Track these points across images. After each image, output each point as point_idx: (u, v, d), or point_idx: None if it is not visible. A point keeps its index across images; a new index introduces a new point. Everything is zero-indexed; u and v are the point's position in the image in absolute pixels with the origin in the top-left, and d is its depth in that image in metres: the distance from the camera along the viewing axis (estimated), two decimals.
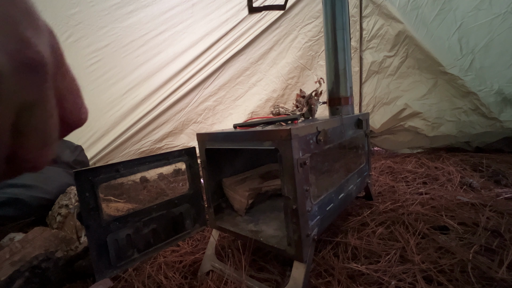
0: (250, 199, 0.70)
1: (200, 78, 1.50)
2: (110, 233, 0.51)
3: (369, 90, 1.65)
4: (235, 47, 1.54)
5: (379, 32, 1.52)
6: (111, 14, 1.24)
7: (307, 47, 1.68)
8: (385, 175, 1.23)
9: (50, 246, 0.66)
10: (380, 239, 0.70)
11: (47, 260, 0.63)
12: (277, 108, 0.81)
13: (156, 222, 0.60)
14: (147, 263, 0.71)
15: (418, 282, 0.53)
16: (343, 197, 0.69)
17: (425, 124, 1.48)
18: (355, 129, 0.78)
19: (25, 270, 0.60)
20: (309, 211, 0.51)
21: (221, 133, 0.61)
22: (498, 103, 1.26)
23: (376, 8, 1.49)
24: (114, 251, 0.52)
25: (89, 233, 0.48)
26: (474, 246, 0.61)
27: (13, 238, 0.81)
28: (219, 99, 1.61)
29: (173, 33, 1.40)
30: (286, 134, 0.45)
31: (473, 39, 1.29)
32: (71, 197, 1.01)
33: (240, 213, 0.71)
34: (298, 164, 0.47)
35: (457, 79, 1.30)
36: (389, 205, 0.87)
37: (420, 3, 1.36)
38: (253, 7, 1.51)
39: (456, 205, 0.83)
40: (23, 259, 0.61)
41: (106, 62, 1.27)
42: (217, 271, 0.63)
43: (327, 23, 0.83)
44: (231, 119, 1.64)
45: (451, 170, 1.15)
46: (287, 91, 1.72)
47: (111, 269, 0.51)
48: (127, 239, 0.54)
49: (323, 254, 0.66)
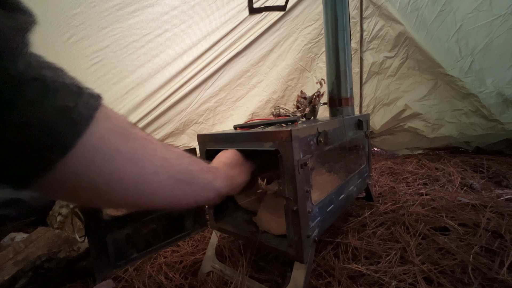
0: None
1: (201, 78, 1.50)
2: (110, 232, 0.51)
3: (369, 91, 1.65)
4: (236, 48, 1.55)
5: (380, 33, 1.53)
6: (112, 15, 1.24)
7: (306, 49, 1.69)
8: (386, 176, 1.23)
9: (53, 246, 0.66)
10: (381, 240, 0.70)
11: (50, 260, 0.64)
12: (278, 109, 0.81)
13: (156, 222, 0.60)
14: (147, 263, 0.71)
15: (419, 283, 0.53)
16: (344, 198, 0.69)
17: (425, 125, 1.48)
18: (356, 130, 0.78)
19: (28, 270, 0.60)
20: (309, 212, 0.51)
21: (222, 134, 0.61)
22: (499, 105, 1.26)
23: (376, 9, 1.50)
24: (114, 250, 0.52)
25: (89, 232, 0.48)
26: (475, 247, 0.61)
27: (14, 238, 0.81)
28: (220, 100, 1.62)
29: (174, 33, 1.40)
30: (286, 135, 0.46)
31: (473, 40, 1.29)
32: None
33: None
34: (299, 165, 0.47)
35: (457, 80, 1.30)
36: (389, 206, 0.87)
37: (420, 4, 1.37)
38: (254, 8, 1.52)
39: (456, 206, 0.83)
40: (26, 259, 0.61)
41: (107, 62, 1.27)
42: (217, 272, 0.63)
43: (328, 25, 0.83)
44: (231, 120, 1.64)
45: (452, 171, 1.15)
46: (287, 92, 1.73)
47: (110, 268, 0.51)
48: (127, 239, 0.54)
49: (323, 255, 0.66)
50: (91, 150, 0.24)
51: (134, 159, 0.28)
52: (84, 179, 0.24)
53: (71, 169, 0.23)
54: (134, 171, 0.28)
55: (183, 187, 0.35)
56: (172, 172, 0.33)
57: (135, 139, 0.29)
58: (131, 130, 0.29)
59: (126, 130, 0.28)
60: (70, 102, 0.22)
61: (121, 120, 0.28)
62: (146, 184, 0.29)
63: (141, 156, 0.29)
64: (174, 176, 0.33)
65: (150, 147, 0.31)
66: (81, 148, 0.23)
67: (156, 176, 0.30)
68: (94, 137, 0.24)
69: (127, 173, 0.27)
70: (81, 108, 0.23)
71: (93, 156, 0.24)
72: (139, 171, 0.28)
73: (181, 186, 0.34)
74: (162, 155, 0.32)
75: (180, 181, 0.34)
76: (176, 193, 0.34)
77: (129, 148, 0.28)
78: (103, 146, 0.25)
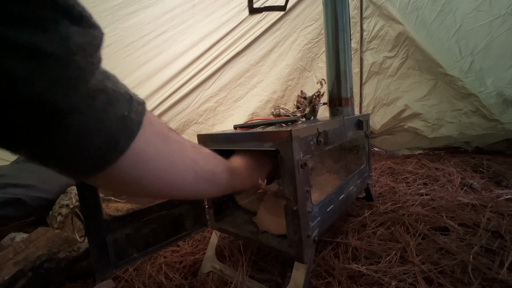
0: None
1: (201, 78, 1.50)
2: (110, 232, 0.51)
3: (369, 91, 1.65)
4: (236, 48, 1.55)
5: (380, 33, 1.53)
6: (112, 15, 1.24)
7: (306, 49, 1.68)
8: (386, 176, 1.23)
9: (53, 246, 0.66)
10: (381, 240, 0.70)
11: (50, 260, 0.63)
12: (278, 109, 0.81)
13: (156, 222, 0.60)
14: (147, 263, 0.71)
15: (419, 283, 0.53)
16: (344, 198, 0.69)
17: (425, 125, 1.48)
18: (356, 130, 0.78)
19: (28, 270, 0.60)
20: (309, 212, 0.51)
21: (222, 134, 0.61)
22: (499, 105, 1.26)
23: (376, 9, 1.50)
24: (114, 250, 0.52)
25: (89, 232, 0.48)
26: (475, 247, 0.61)
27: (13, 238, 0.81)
28: (220, 100, 1.62)
29: (174, 33, 1.40)
30: (286, 135, 0.46)
31: (473, 40, 1.29)
32: (72, 197, 1.01)
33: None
34: (299, 165, 0.47)
35: (457, 80, 1.30)
36: (389, 206, 0.87)
37: (420, 4, 1.37)
38: (254, 8, 1.52)
39: (456, 206, 0.83)
40: (26, 259, 0.61)
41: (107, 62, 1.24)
42: (217, 272, 0.63)
43: (328, 25, 0.83)
44: (231, 120, 1.64)
45: (452, 171, 1.15)
46: (287, 92, 1.73)
47: (110, 268, 0.51)
48: (127, 239, 0.54)
49: (323, 255, 0.66)
50: (138, 152, 0.28)
51: (169, 160, 0.33)
52: (131, 175, 0.29)
53: (122, 167, 0.27)
54: (169, 170, 0.33)
55: (207, 184, 0.41)
56: (199, 171, 0.38)
57: (171, 142, 0.34)
58: (168, 134, 0.34)
59: (165, 134, 0.33)
60: (125, 110, 0.26)
61: (160, 124, 0.34)
62: (177, 181, 0.35)
63: (175, 157, 0.34)
64: (200, 175, 0.39)
65: (182, 149, 0.36)
66: (131, 149, 0.27)
67: (186, 174, 0.36)
68: (142, 140, 0.28)
69: (164, 171, 0.32)
70: (133, 115, 0.27)
71: (139, 156, 0.29)
72: (172, 170, 0.34)
73: (205, 183, 0.40)
74: (191, 156, 0.38)
75: (204, 179, 0.40)
76: (200, 188, 0.40)
77: (166, 150, 0.33)
78: (147, 148, 0.30)
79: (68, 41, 0.20)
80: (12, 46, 0.18)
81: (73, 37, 0.21)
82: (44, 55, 0.19)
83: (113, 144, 0.26)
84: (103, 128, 0.24)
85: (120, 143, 0.26)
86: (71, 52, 0.21)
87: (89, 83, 0.23)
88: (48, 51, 0.19)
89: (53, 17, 0.19)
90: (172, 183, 0.34)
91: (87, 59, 0.22)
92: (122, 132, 0.26)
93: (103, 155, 0.25)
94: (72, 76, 0.21)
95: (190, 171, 0.37)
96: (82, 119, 0.23)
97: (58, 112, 0.21)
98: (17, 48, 0.18)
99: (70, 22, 0.21)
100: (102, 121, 0.24)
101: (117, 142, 0.26)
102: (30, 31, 0.18)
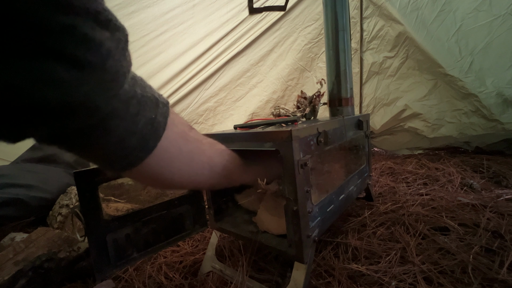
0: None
1: (201, 78, 1.50)
2: (110, 232, 0.51)
3: (369, 91, 1.65)
4: (236, 48, 1.55)
5: (380, 33, 1.53)
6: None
7: (306, 49, 1.68)
8: (386, 176, 1.23)
9: (53, 246, 0.66)
10: (381, 240, 0.70)
11: (50, 260, 0.63)
12: (278, 109, 0.81)
13: (156, 222, 0.60)
14: (147, 263, 0.71)
15: (419, 283, 0.53)
16: (344, 198, 0.69)
17: (425, 125, 1.48)
18: (356, 130, 0.78)
19: (28, 270, 0.60)
20: (310, 212, 0.51)
21: (222, 134, 0.61)
22: (499, 105, 1.26)
23: (376, 9, 1.50)
24: (114, 250, 0.52)
25: (89, 232, 0.48)
26: (475, 247, 0.61)
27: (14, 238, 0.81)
28: (220, 100, 1.62)
29: (174, 33, 1.40)
30: (287, 135, 0.46)
31: (473, 40, 1.29)
32: (72, 197, 1.01)
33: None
34: (299, 165, 0.47)
35: (457, 80, 1.30)
36: (389, 206, 0.87)
37: (420, 4, 1.37)
38: (254, 8, 1.52)
39: (456, 206, 0.83)
40: (26, 259, 0.61)
41: None
42: (217, 272, 0.63)
43: (328, 25, 0.83)
44: (231, 120, 1.64)
45: (452, 171, 1.15)
46: (287, 92, 1.73)
47: (110, 268, 0.51)
48: (127, 239, 0.54)
49: (323, 255, 0.66)
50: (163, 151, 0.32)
51: (189, 157, 0.37)
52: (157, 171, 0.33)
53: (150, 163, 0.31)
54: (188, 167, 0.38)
55: (220, 178, 0.45)
56: (214, 167, 0.43)
57: (192, 141, 0.38)
58: (189, 134, 0.38)
59: (186, 134, 0.37)
60: (153, 113, 0.30)
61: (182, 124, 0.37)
62: (195, 176, 0.40)
63: (194, 155, 0.39)
64: (215, 170, 0.43)
65: (201, 147, 0.41)
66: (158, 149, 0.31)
67: (203, 170, 0.41)
68: (166, 140, 0.32)
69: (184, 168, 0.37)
70: (159, 117, 0.30)
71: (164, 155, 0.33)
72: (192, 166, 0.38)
73: (219, 178, 0.44)
74: (208, 154, 0.42)
75: (218, 175, 0.44)
76: (214, 182, 0.45)
77: (187, 149, 0.37)
78: (171, 147, 0.33)
79: (101, 48, 0.21)
80: (58, 56, 0.19)
81: (105, 43, 0.21)
82: (84, 63, 0.20)
83: (144, 144, 0.29)
84: (137, 131, 0.28)
85: (149, 143, 0.30)
86: (104, 58, 0.22)
87: (123, 87, 0.25)
88: (87, 59, 0.20)
89: (91, 25, 0.20)
90: (191, 178, 0.39)
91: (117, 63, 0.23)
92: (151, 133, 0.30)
93: (137, 154, 0.29)
94: (108, 80, 0.23)
95: (206, 167, 0.41)
96: (120, 124, 0.26)
97: (102, 117, 0.24)
98: (62, 57, 0.19)
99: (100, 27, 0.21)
100: (136, 124, 0.28)
101: (147, 142, 0.29)
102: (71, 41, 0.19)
